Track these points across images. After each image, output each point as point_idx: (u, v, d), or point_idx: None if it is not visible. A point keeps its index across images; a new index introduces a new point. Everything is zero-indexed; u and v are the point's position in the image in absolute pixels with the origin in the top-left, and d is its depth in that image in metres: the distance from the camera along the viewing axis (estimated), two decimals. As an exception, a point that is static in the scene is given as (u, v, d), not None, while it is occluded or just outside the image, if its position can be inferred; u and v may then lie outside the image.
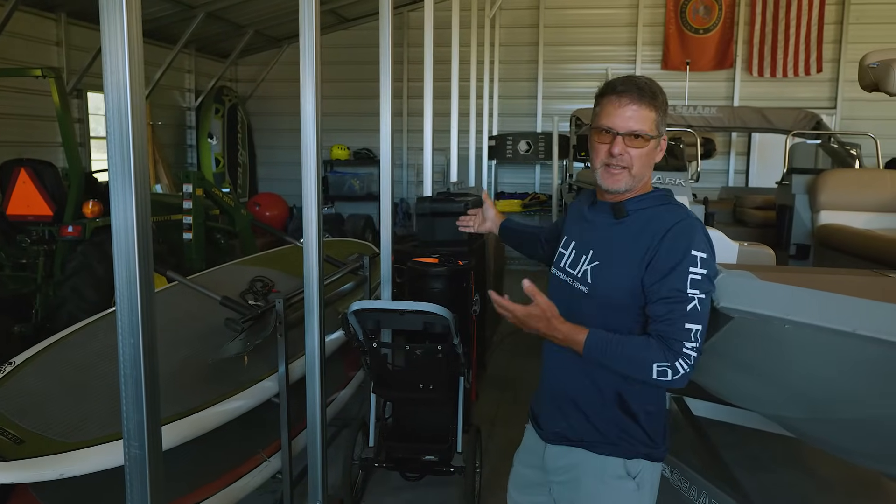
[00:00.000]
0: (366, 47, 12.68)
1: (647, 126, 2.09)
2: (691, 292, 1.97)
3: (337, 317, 4.45)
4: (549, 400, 2.34)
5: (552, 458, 2.32)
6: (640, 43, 12.96)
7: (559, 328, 2.08)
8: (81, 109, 10.25)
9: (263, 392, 3.59)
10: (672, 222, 2.05)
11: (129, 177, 1.95)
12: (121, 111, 1.94)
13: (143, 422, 2.09)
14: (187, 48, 12.09)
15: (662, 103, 2.12)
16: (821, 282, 2.57)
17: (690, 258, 1.99)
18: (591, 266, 2.18)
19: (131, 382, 2.06)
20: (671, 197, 2.21)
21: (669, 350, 1.97)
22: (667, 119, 2.16)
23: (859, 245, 5.27)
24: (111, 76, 1.93)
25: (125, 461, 2.11)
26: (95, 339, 3.78)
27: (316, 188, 3.08)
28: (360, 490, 4.38)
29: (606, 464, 2.19)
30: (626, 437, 2.18)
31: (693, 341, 1.97)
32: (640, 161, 2.12)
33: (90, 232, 6.40)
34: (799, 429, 3.17)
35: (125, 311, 2.02)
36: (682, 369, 1.97)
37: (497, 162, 12.96)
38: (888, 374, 2.16)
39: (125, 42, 1.92)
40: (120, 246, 1.99)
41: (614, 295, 2.11)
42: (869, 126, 9.17)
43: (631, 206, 2.15)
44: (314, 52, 2.98)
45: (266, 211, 12.51)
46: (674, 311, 1.98)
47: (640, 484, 2.19)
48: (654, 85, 2.13)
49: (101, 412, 3.03)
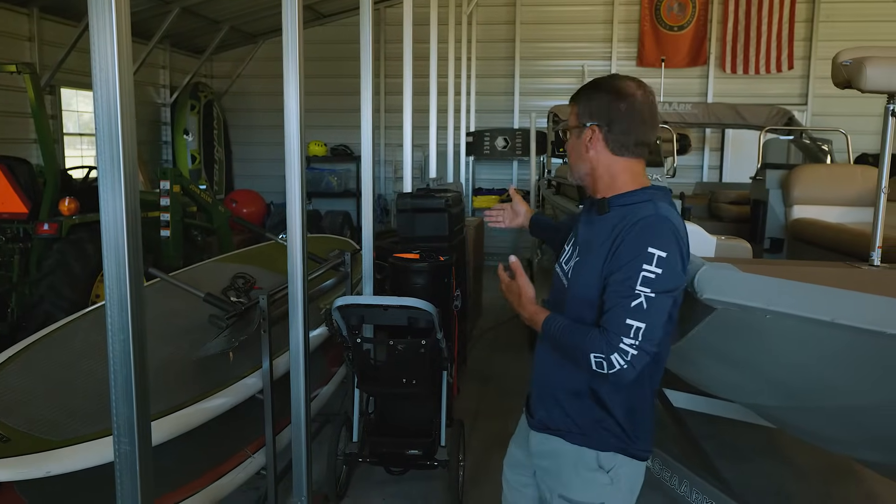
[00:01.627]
0: (342, 43, 12.66)
1: (571, 120, 2.25)
2: (640, 289, 1.95)
3: (319, 313, 4.47)
4: (535, 388, 2.41)
5: (535, 444, 2.38)
6: (616, 40, 13.03)
7: (526, 307, 2.25)
8: (55, 106, 10.14)
9: (247, 388, 3.60)
10: (639, 217, 2.04)
11: (118, 174, 1.97)
12: (110, 109, 1.95)
13: (132, 418, 2.10)
14: (162, 43, 11.98)
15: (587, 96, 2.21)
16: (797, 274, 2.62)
17: (647, 255, 1.97)
18: (574, 262, 2.23)
19: (121, 379, 2.07)
20: (660, 196, 2.16)
21: (607, 343, 1.96)
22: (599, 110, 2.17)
23: (831, 238, 5.37)
24: (100, 73, 1.94)
25: (115, 457, 2.12)
26: (78, 337, 3.77)
27: (300, 185, 3.09)
28: (345, 485, 4.40)
29: (581, 454, 2.22)
30: (599, 428, 2.19)
31: (632, 338, 1.94)
32: (570, 152, 2.27)
33: (66, 230, 6.35)
34: (778, 417, 3.24)
35: (115, 307, 2.03)
36: (617, 364, 1.95)
37: (475, 158, 12.98)
38: (864, 361, 2.22)
39: (114, 40, 1.93)
40: (109, 243, 2.00)
41: (583, 290, 2.14)
42: (839, 122, 9.32)
43: (614, 202, 2.16)
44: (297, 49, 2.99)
45: (243, 208, 12.44)
46: (618, 305, 1.98)
47: (615, 479, 2.20)
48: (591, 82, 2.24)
49: (86, 410, 3.03)
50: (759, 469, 4.75)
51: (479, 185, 13.45)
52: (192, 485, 3.35)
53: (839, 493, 4.47)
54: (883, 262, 3.27)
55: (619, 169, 2.18)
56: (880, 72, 3.06)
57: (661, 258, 1.96)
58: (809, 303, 2.10)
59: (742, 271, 2.27)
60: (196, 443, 3.30)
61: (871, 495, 4.43)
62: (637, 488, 2.30)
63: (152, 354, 3.55)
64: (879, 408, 2.39)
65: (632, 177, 2.19)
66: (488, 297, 8.85)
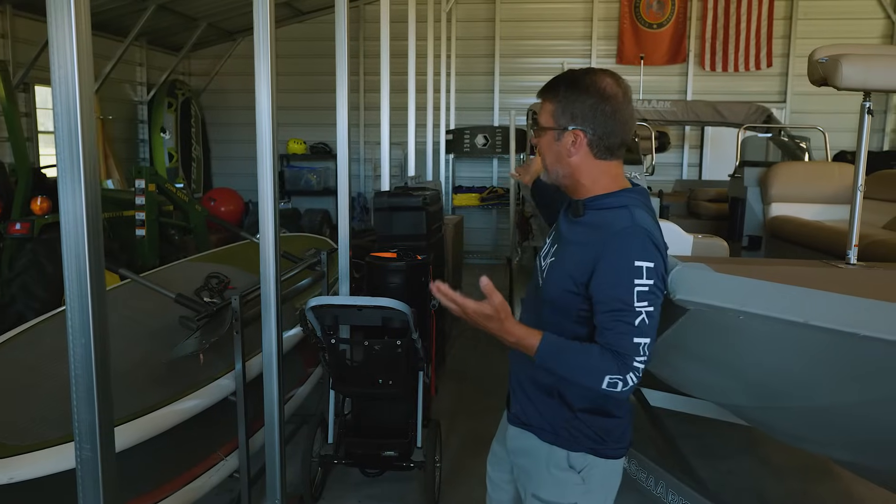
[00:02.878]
0: (322, 41, 12.56)
1: (544, 118, 2.12)
2: (639, 306, 1.93)
3: (294, 313, 4.42)
4: (512, 382, 2.38)
5: (511, 439, 2.36)
6: (595, 37, 13.04)
7: (512, 331, 2.01)
8: (29, 104, 10.01)
9: (220, 390, 3.54)
10: (616, 230, 1.99)
11: (78, 172, 1.91)
12: (69, 106, 1.90)
13: (94, 423, 2.05)
14: (138, 41, 11.85)
15: (566, 96, 2.07)
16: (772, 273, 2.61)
17: (636, 269, 1.93)
18: (549, 262, 2.18)
19: (83, 383, 2.02)
20: (636, 199, 2.10)
21: (623, 364, 1.92)
22: (580, 111, 2.05)
23: (809, 236, 5.38)
24: (59, 70, 1.89)
25: (77, 464, 2.07)
26: (45, 339, 3.70)
27: (272, 183, 3.05)
28: (320, 487, 4.35)
29: (552, 453, 2.19)
30: (568, 428, 2.16)
31: (642, 355, 1.93)
32: (545, 152, 2.16)
33: (39, 229, 6.26)
34: (753, 417, 3.23)
35: (76, 310, 1.97)
36: (631, 381, 1.94)
37: (454, 156, 12.95)
38: (837, 363, 2.21)
39: (73, 35, 1.87)
40: (69, 243, 1.95)
41: (554, 293, 2.10)
42: (817, 119, 9.37)
43: (590, 204, 2.11)
44: (269, 45, 2.95)
45: (221, 206, 12.34)
46: (621, 325, 1.94)
47: (587, 479, 2.17)
48: (568, 77, 2.09)
49: (52, 414, 2.96)
50: (736, 468, 4.74)
51: (459, 183, 13.42)
52: (164, 488, 3.30)
53: (816, 491, 4.48)
54: (860, 260, 3.27)
55: (600, 172, 2.11)
56: (856, 69, 3.05)
57: (650, 269, 1.94)
58: (782, 303, 2.08)
59: (715, 271, 2.25)
60: (168, 446, 3.25)
61: (847, 494, 4.44)
62: (614, 488, 2.27)
63: (123, 356, 3.53)
64: (852, 409, 2.37)
65: (612, 179, 2.13)
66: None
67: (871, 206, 5.21)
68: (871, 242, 4.46)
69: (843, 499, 4.41)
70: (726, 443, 5.02)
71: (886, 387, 2.18)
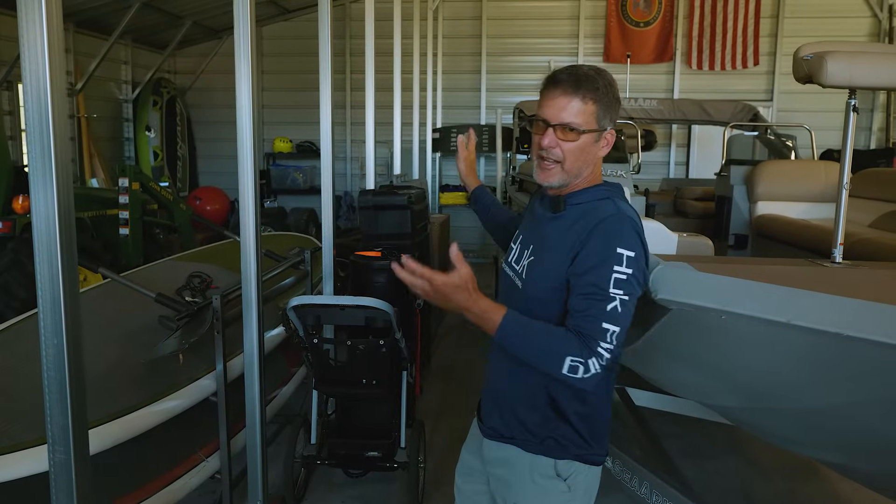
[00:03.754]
0: (308, 39, 12.50)
1: (582, 119, 1.99)
2: (614, 292, 1.89)
3: (278, 312, 4.38)
4: (488, 395, 2.32)
5: (488, 450, 2.30)
6: (582, 35, 13.03)
7: (478, 302, 1.93)
8: (12, 101, 9.92)
9: (201, 391, 3.50)
10: (602, 217, 1.97)
11: (49, 171, 1.88)
12: (41, 104, 1.88)
13: (67, 426, 2.01)
14: (123, 39, 11.76)
15: (605, 95, 2.01)
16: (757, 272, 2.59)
17: (616, 256, 1.90)
18: (528, 262, 2.13)
19: (55, 385, 1.98)
20: (615, 192, 2.10)
21: (585, 346, 1.88)
22: (616, 112, 2.06)
23: (795, 234, 5.38)
24: (30, 68, 1.86)
25: (50, 467, 2.04)
26: (21, 340, 3.65)
27: (253, 180, 3.01)
28: (303, 488, 4.32)
29: (536, 462, 2.15)
30: (556, 437, 2.12)
31: (608, 342, 1.88)
32: (573, 156, 2.02)
33: (20, 228, 6.20)
34: (736, 417, 3.22)
35: (48, 310, 1.94)
36: (593, 368, 1.88)
37: (441, 154, 12.93)
38: (821, 363, 2.19)
39: (44, 32, 1.84)
40: (41, 243, 1.92)
41: (542, 291, 2.05)
42: (804, 118, 9.37)
43: (571, 199, 2.08)
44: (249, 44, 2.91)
45: (207, 205, 12.28)
46: (592, 308, 1.90)
47: (573, 486, 2.14)
48: (599, 76, 2.02)
49: (28, 415, 2.91)
50: (722, 468, 4.74)
51: (445, 182, 13.40)
52: (144, 489, 3.26)
53: (803, 491, 4.48)
54: (845, 258, 3.26)
55: (599, 168, 2.12)
56: (841, 67, 3.04)
57: (630, 258, 1.91)
58: (765, 303, 2.06)
59: (698, 270, 2.23)
60: (148, 447, 3.21)
61: (834, 494, 4.44)
62: (594, 493, 2.24)
63: (102, 357, 3.48)
64: (836, 410, 2.36)
65: (597, 175, 2.13)
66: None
67: (857, 204, 5.22)
68: (857, 241, 4.46)
69: (830, 499, 4.40)
70: (712, 443, 5.01)
71: (870, 388, 2.17)
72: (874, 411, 2.24)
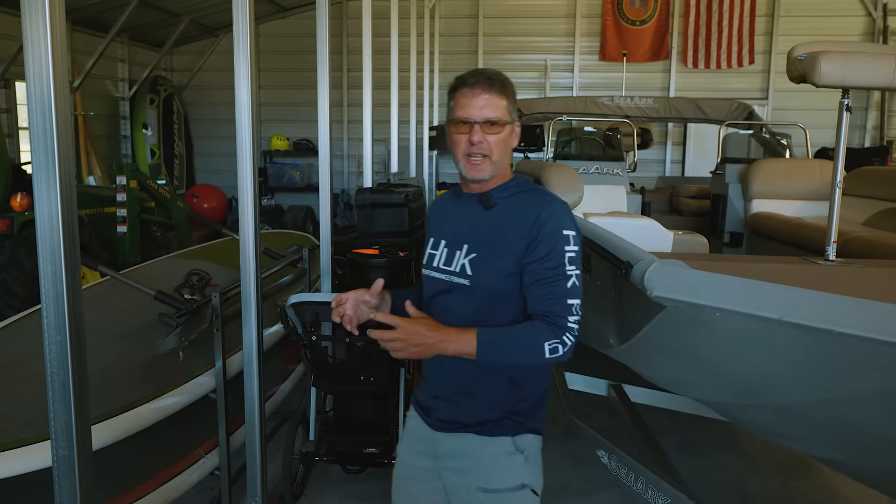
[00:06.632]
0: (305, 37, 12.54)
1: (500, 112, 2.17)
2: (570, 269, 2.07)
3: (276, 310, 4.39)
4: (437, 390, 2.33)
5: (443, 443, 2.32)
6: (578, 34, 13.07)
7: (449, 335, 2.06)
8: (9, 99, 9.93)
9: (200, 388, 3.52)
10: (543, 207, 2.13)
11: (53, 169, 1.90)
12: (44, 102, 1.89)
13: (71, 422, 2.03)
14: (120, 36, 11.76)
15: (511, 92, 2.22)
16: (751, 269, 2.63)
17: (564, 238, 2.08)
18: (468, 259, 2.19)
19: (58, 381, 2.00)
20: (532, 182, 2.32)
21: (557, 327, 2.04)
22: (516, 106, 2.26)
23: (789, 232, 5.42)
24: (33, 66, 1.87)
25: (53, 462, 2.05)
26: (21, 337, 3.67)
27: (252, 178, 3.03)
28: (301, 484, 4.34)
29: (497, 444, 2.23)
30: (514, 416, 2.24)
31: (575, 314, 2.07)
32: (498, 147, 2.18)
33: (18, 226, 6.21)
34: (731, 413, 3.25)
35: (51, 307, 1.96)
36: (569, 341, 2.05)
37: (438, 152, 12.94)
38: (813, 360, 2.22)
39: (47, 30, 1.86)
40: (45, 241, 1.93)
41: (497, 282, 2.15)
42: (799, 116, 9.43)
43: (497, 194, 2.22)
44: (248, 41, 2.93)
45: (204, 203, 12.30)
46: (555, 290, 2.07)
47: (529, 457, 2.26)
48: (502, 75, 2.23)
49: (28, 413, 2.94)
50: (718, 464, 4.77)
51: (442, 180, 13.42)
52: (144, 486, 3.28)
53: (797, 487, 4.51)
54: (839, 256, 3.29)
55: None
56: (834, 66, 3.07)
57: (574, 237, 2.10)
58: (758, 300, 2.09)
59: (692, 268, 2.26)
60: (148, 443, 3.23)
61: (828, 489, 4.47)
62: (540, 458, 2.34)
63: (102, 354, 3.51)
64: (828, 406, 2.39)
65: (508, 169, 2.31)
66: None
67: (851, 202, 5.25)
68: (851, 239, 4.50)
69: (824, 494, 4.44)
70: (707, 439, 5.04)
71: (861, 384, 2.20)
72: (866, 407, 2.27)
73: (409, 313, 2.11)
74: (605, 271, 3.09)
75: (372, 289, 2.30)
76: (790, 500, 4.40)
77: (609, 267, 2.94)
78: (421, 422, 2.40)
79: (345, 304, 2.31)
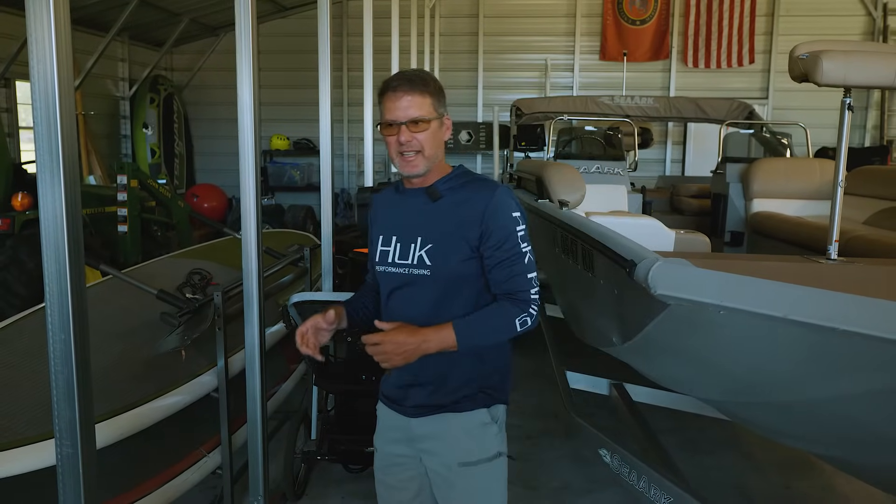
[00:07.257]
0: (305, 36, 12.52)
1: (425, 110, 2.26)
2: (523, 247, 2.23)
3: (277, 309, 4.40)
4: (410, 379, 2.35)
5: (419, 427, 2.37)
6: (579, 33, 13.07)
7: (428, 335, 2.16)
8: (10, 99, 9.93)
9: (202, 387, 3.52)
10: (490, 195, 2.24)
11: (57, 168, 1.90)
12: (48, 102, 1.89)
13: (75, 420, 2.03)
14: (120, 36, 11.78)
15: (436, 88, 2.31)
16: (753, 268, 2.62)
17: (514, 220, 2.23)
18: (425, 250, 2.27)
19: (63, 380, 2.01)
20: (473, 172, 2.42)
21: (522, 301, 2.21)
22: (444, 99, 2.35)
23: (790, 232, 5.41)
24: (37, 65, 1.87)
25: (57, 461, 2.06)
26: (24, 336, 3.67)
27: (254, 178, 3.04)
28: (303, 483, 4.34)
29: (473, 418, 2.33)
30: (486, 388, 2.35)
31: (535, 286, 2.24)
32: (429, 142, 2.27)
33: (20, 225, 6.21)
34: (734, 412, 3.25)
35: (55, 306, 1.96)
36: (534, 311, 2.23)
37: (438, 152, 12.93)
38: (817, 357, 2.22)
39: (52, 30, 1.86)
40: (49, 240, 1.94)
41: (457, 268, 2.25)
42: (799, 116, 9.42)
43: (442, 186, 2.31)
44: (251, 40, 2.94)
45: (204, 202, 12.30)
46: (514, 269, 2.21)
47: (500, 426, 2.40)
48: (423, 74, 2.34)
49: (31, 411, 2.94)
50: (719, 462, 4.77)
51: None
52: (146, 485, 3.28)
53: (798, 486, 4.51)
54: (840, 255, 3.29)
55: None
56: (836, 65, 3.07)
57: (520, 216, 2.25)
58: (762, 298, 2.09)
59: (696, 266, 2.26)
60: (150, 442, 3.23)
61: (829, 488, 4.48)
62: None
63: (103, 353, 3.50)
64: (830, 404, 2.39)
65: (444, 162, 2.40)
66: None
67: (852, 201, 5.25)
68: (852, 238, 4.49)
69: (825, 493, 4.44)
70: (710, 438, 5.04)
71: (865, 381, 2.20)
72: (868, 405, 2.27)
73: (383, 329, 2.19)
74: (608, 270, 3.09)
75: (326, 317, 2.40)
76: (792, 498, 4.41)
77: (612, 265, 2.94)
78: (391, 412, 2.46)
79: (307, 335, 2.40)
